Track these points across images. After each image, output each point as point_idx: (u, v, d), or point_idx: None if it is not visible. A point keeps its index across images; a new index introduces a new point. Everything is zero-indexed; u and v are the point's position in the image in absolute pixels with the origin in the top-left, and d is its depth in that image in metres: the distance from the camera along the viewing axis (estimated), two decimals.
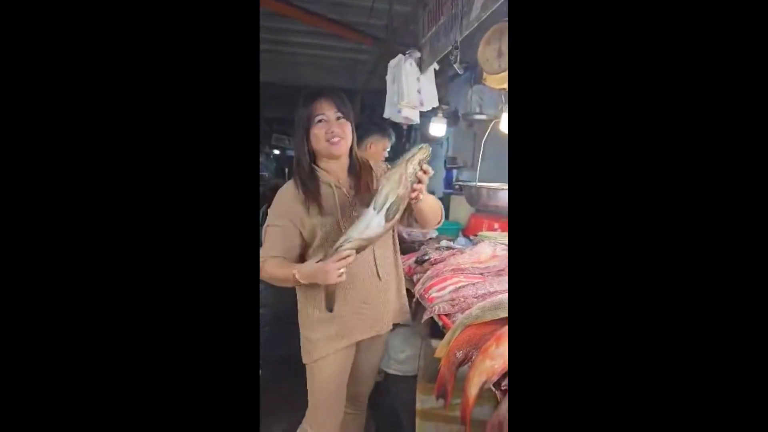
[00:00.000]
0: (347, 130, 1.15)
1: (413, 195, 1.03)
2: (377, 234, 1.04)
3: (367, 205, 1.04)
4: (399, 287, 1.29)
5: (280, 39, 3.13)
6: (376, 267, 1.19)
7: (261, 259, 1.13)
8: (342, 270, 1.02)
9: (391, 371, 2.03)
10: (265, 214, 1.17)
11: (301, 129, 1.14)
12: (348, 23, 2.82)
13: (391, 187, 1.01)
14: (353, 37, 2.90)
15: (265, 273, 1.12)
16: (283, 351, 2.53)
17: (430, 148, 1.06)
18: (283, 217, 1.15)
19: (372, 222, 1.02)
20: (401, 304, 1.30)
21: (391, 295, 1.25)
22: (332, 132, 1.12)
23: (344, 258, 1.02)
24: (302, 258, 1.18)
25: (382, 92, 2.42)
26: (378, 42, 2.92)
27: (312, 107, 1.12)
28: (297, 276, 1.06)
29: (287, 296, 1.10)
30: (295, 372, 2.25)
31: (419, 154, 1.02)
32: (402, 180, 1.01)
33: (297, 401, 1.99)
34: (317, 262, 1.04)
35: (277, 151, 8.80)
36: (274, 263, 1.12)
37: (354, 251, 1.03)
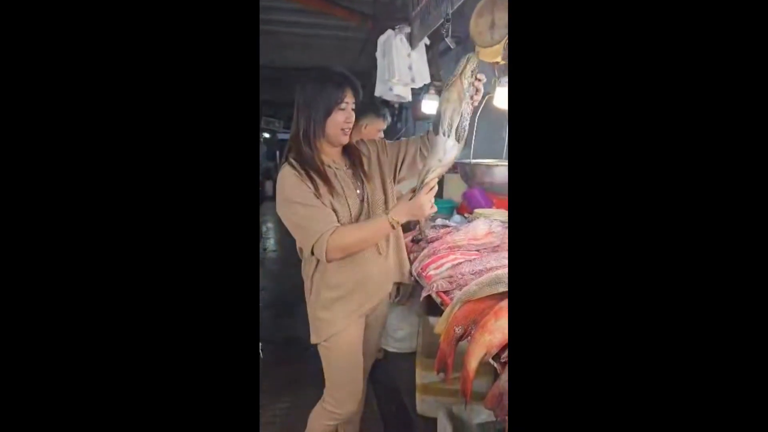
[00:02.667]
0: (353, 121, 1.17)
1: (475, 105, 1.05)
2: (455, 156, 1.06)
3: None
4: (398, 251, 1.30)
5: (266, 18, 3.03)
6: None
7: (319, 244, 1.06)
8: (432, 201, 1.06)
9: (390, 349, 2.07)
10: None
11: (323, 109, 1.11)
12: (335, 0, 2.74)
13: (453, 107, 1.01)
14: (340, 15, 2.82)
15: (338, 245, 1.06)
16: (284, 333, 2.57)
17: (478, 56, 1.07)
18: (304, 198, 1.09)
19: (447, 146, 1.03)
20: (401, 265, 1.31)
21: (390, 263, 1.27)
22: (349, 122, 1.14)
23: (432, 188, 1.04)
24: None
25: (372, 70, 2.38)
26: (366, 18, 2.85)
27: (344, 92, 1.11)
28: (394, 218, 1.07)
29: (285, 280, 1.10)
30: (297, 353, 2.31)
31: (469, 64, 1.01)
32: (461, 97, 1.01)
33: (299, 382, 2.05)
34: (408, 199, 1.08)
35: (267, 135, 8.65)
36: (343, 231, 1.08)
37: (437, 180, 1.07)
